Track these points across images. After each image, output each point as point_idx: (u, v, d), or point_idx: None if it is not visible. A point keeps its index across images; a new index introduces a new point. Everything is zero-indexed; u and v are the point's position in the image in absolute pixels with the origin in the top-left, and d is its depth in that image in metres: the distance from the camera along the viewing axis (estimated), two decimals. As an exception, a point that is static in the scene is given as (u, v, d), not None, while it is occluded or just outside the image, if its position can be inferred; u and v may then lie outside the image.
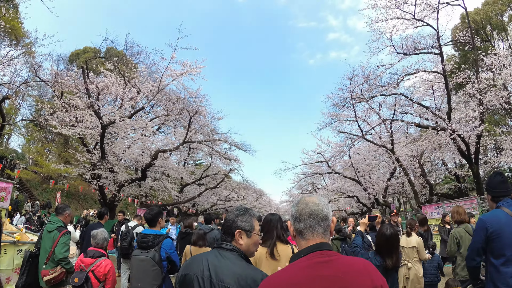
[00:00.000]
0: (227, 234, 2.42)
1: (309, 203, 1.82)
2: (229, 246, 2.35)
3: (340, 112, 21.20)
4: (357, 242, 5.12)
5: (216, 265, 2.22)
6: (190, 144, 25.16)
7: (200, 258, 2.32)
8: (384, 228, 4.55)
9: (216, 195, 31.76)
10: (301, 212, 1.80)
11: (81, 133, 16.94)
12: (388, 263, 4.34)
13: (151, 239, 4.52)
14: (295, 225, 1.81)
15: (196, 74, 17.14)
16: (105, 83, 15.22)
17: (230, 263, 2.23)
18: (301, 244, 1.79)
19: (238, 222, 2.42)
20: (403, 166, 21.69)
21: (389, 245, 4.41)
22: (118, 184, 18.19)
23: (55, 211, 6.06)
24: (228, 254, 2.29)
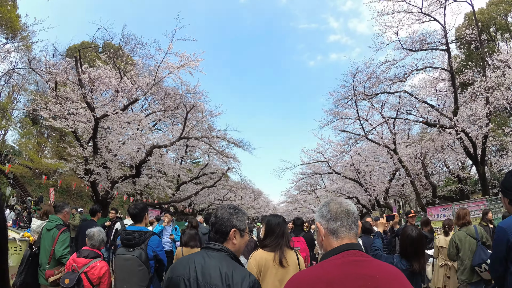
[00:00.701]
0: (220, 234, 2.29)
1: (342, 202, 1.81)
2: (217, 246, 2.24)
3: (342, 110, 20.39)
4: (378, 244, 4.76)
5: (202, 266, 2.12)
6: (187, 141, 24.29)
7: (187, 260, 2.21)
8: (409, 230, 4.23)
9: (213, 194, 30.88)
10: (336, 211, 1.77)
11: (73, 127, 16.09)
12: (415, 266, 4.04)
13: (136, 236, 4.18)
14: (330, 224, 1.76)
15: (194, 67, 16.28)
16: (98, 73, 14.31)
17: (217, 263, 2.12)
18: (333, 243, 1.73)
19: (234, 221, 2.32)
20: (406, 167, 20.83)
21: (415, 248, 4.10)
22: (111, 181, 17.29)
23: (53, 209, 5.99)
24: (215, 254, 2.19)
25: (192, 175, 26.58)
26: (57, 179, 22.56)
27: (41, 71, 17.03)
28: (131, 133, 17.45)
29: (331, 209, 1.78)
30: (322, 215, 1.81)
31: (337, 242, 1.72)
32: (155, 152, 21.53)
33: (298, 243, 6.23)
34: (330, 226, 1.75)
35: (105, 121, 15.70)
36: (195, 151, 28.67)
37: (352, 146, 22.20)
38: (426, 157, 22.25)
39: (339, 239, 1.72)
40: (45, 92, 32.75)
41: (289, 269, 3.48)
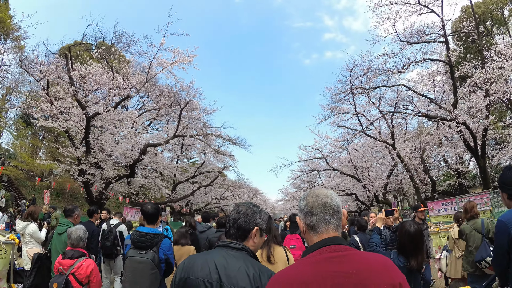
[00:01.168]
0: (242, 231, 2.12)
1: (320, 195, 1.67)
2: (238, 245, 2.07)
3: (339, 105, 19.93)
4: (375, 240, 4.51)
5: (225, 267, 1.93)
6: (183, 140, 23.79)
7: (204, 259, 2.02)
8: (407, 225, 3.98)
9: (210, 193, 30.40)
10: (312, 205, 1.64)
11: (66, 126, 15.56)
12: (413, 263, 3.80)
13: (150, 238, 4.03)
14: (307, 219, 1.65)
15: (188, 63, 15.78)
16: (89, 70, 13.76)
17: (242, 264, 1.94)
18: (313, 239, 1.63)
19: (257, 219, 2.18)
20: (404, 162, 20.39)
21: (413, 244, 3.88)
22: (105, 181, 16.76)
23: (63, 213, 5.97)
24: (237, 254, 2.01)
25: (188, 175, 26.05)
26: (51, 181, 21.95)
27: (33, 71, 16.46)
28: (125, 132, 16.85)
29: (308, 202, 1.67)
30: (300, 209, 1.71)
31: (317, 238, 1.62)
32: (150, 151, 21.00)
33: (294, 241, 5.88)
34: (307, 221, 1.66)
35: (97, 119, 15.16)
36: (191, 150, 28.16)
37: (350, 142, 21.72)
38: (424, 152, 21.82)
39: (317, 234, 1.63)
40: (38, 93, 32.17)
41: (278, 266, 3.38)
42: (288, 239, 5.97)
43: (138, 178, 21.59)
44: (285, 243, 5.78)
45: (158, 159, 20.55)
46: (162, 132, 25.48)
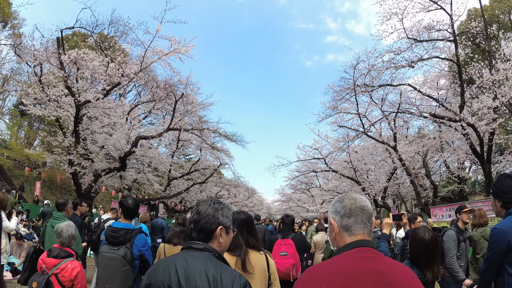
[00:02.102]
0: (205, 233, 1.97)
1: (357, 199, 1.72)
2: (200, 245, 1.92)
3: (341, 104, 19.04)
4: (384, 249, 3.79)
5: (185, 269, 1.81)
6: (178, 135, 22.88)
7: (165, 262, 1.90)
8: (420, 232, 3.54)
9: (206, 191, 29.43)
10: (351, 208, 1.68)
11: (56, 115, 14.68)
12: (428, 276, 3.34)
13: (122, 234, 3.86)
14: (344, 220, 1.67)
15: (185, 53, 14.90)
16: (81, 55, 12.86)
17: (202, 265, 1.82)
18: (346, 240, 1.65)
19: (220, 218, 2.00)
20: (406, 166, 19.55)
21: (429, 253, 3.41)
22: (95, 174, 15.85)
23: (56, 206, 5.96)
24: (198, 255, 1.88)
25: (183, 171, 25.13)
26: (41, 172, 21.01)
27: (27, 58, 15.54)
28: (118, 123, 15.90)
29: (345, 205, 1.70)
30: (336, 211, 1.72)
31: (350, 239, 1.64)
32: (145, 145, 20.11)
33: (285, 247, 4.98)
34: (344, 223, 1.68)
35: (88, 108, 14.26)
36: (188, 146, 27.22)
37: (351, 143, 20.81)
38: (427, 156, 20.97)
39: (352, 235, 1.65)
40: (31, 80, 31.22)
41: (255, 276, 3.01)
42: (279, 245, 5.13)
43: (131, 172, 20.69)
44: (275, 249, 5.09)
45: (151, 152, 19.61)
46: (159, 127, 24.51)
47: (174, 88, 15.72)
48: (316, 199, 35.53)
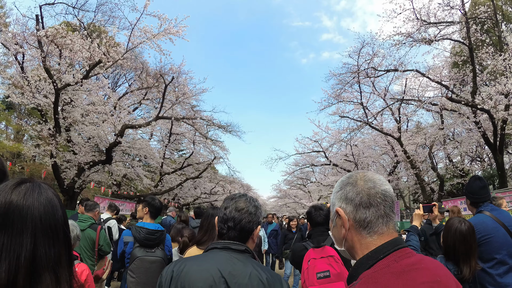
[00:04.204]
0: (245, 232, 1.75)
1: (376, 180, 1.17)
2: (242, 246, 1.71)
3: (343, 94, 17.57)
4: (414, 243, 3.22)
5: (233, 274, 1.55)
6: (171, 129, 21.25)
7: (203, 266, 1.59)
8: (456, 222, 3.07)
9: (200, 188, 27.84)
10: (369, 193, 1.14)
11: (35, 102, 13.02)
12: (465, 272, 2.90)
13: (158, 236, 3.74)
14: (361, 213, 1.14)
15: (177, 34, 13.32)
16: (59, 31, 11.19)
17: (252, 269, 1.60)
18: (366, 241, 1.13)
19: (260, 217, 1.83)
20: (411, 159, 18.13)
21: (467, 246, 2.94)
22: (78, 167, 14.21)
23: (84, 208, 5.80)
24: (241, 257, 1.66)
25: (176, 166, 23.48)
26: (24, 167, 19.30)
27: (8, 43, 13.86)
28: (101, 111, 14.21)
29: (361, 189, 1.15)
30: (346, 198, 1.17)
31: (372, 240, 1.12)
32: (133, 137, 18.48)
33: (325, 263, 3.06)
34: (361, 216, 1.13)
35: (67, 92, 12.60)
36: (181, 141, 25.55)
37: (354, 135, 19.34)
38: (432, 148, 19.58)
39: (374, 234, 1.12)
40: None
41: None
42: (312, 259, 2.98)
43: (120, 167, 19.01)
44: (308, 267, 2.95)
45: (140, 144, 17.92)
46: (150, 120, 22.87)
47: (164, 72, 14.08)
48: (313, 195, 34.09)
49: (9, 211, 0.92)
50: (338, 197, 1.22)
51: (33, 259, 0.91)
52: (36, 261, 0.92)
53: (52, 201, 1.00)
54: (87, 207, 5.67)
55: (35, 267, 0.91)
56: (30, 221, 0.93)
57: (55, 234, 0.97)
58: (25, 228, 0.92)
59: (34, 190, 0.98)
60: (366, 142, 23.21)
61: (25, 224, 0.92)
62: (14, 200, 0.93)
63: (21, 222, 0.93)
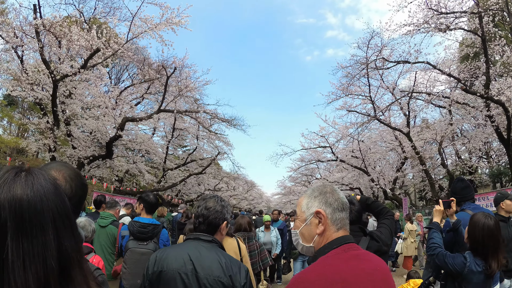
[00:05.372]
0: (212, 226, 2.16)
1: (341, 193, 1.58)
2: (209, 237, 2.11)
3: (351, 87, 16.93)
4: (437, 240, 3.23)
5: (198, 258, 1.96)
6: (174, 124, 20.70)
7: (178, 252, 2.01)
8: (482, 217, 3.01)
9: (204, 184, 27.32)
10: (343, 202, 1.55)
11: (34, 95, 12.51)
12: (494, 266, 2.87)
13: (151, 229, 3.88)
14: (336, 214, 1.51)
15: (179, 24, 12.73)
16: (57, 19, 10.63)
17: (214, 255, 1.99)
18: (332, 236, 1.50)
19: (225, 214, 2.23)
20: (420, 154, 17.48)
21: (495, 241, 2.91)
22: (78, 162, 13.69)
23: (105, 205, 5.92)
24: (208, 245, 2.05)
25: (179, 162, 22.93)
26: (24, 162, 18.85)
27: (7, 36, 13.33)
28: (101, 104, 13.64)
29: (337, 198, 1.54)
30: (326, 203, 1.52)
31: (336, 235, 1.50)
32: (134, 131, 17.93)
33: None
34: (336, 216, 1.51)
35: (66, 84, 12.05)
36: (185, 136, 24.99)
37: (360, 130, 18.69)
38: (442, 144, 18.88)
39: (339, 231, 1.52)
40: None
41: None
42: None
43: (121, 162, 18.49)
44: None
45: (140, 137, 17.35)
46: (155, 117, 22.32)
47: (166, 65, 13.48)
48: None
49: (22, 209, 0.75)
50: (320, 201, 1.52)
51: (59, 258, 0.79)
52: (63, 259, 0.81)
53: (57, 187, 0.87)
54: (108, 204, 5.78)
55: (62, 266, 0.80)
56: (48, 214, 0.80)
57: (71, 223, 0.87)
58: (45, 224, 0.78)
59: (36, 178, 0.82)
60: (372, 138, 22.56)
61: (44, 220, 0.79)
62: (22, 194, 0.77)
63: (39, 219, 0.78)
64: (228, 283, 1.89)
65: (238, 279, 1.93)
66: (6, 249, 0.72)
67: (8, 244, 0.72)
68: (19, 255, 0.73)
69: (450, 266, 2.99)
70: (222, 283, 1.88)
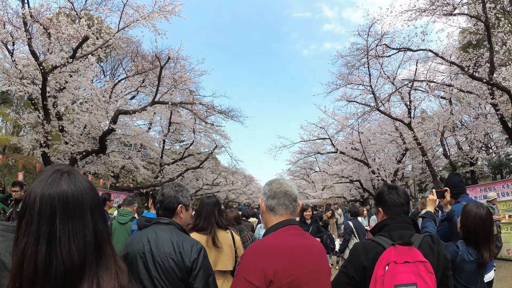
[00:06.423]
0: (169, 210, 2.38)
1: (283, 184, 1.87)
2: (166, 220, 2.32)
3: (351, 77, 16.42)
4: (430, 229, 3.12)
5: (155, 239, 2.16)
6: (170, 118, 20.15)
7: (140, 236, 2.25)
8: (474, 207, 3.05)
9: (202, 179, 26.82)
10: (275, 191, 1.84)
11: (24, 90, 11.93)
12: (486, 256, 2.89)
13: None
14: (268, 201, 1.85)
15: (173, 12, 12.15)
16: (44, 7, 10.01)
17: (168, 235, 2.19)
18: (272, 219, 1.84)
19: (180, 198, 2.41)
20: (421, 145, 17.01)
21: (487, 230, 2.96)
22: (70, 158, 13.15)
23: (123, 202, 6.04)
24: (165, 227, 2.26)
25: (176, 157, 22.39)
26: (17, 160, 18.28)
27: None
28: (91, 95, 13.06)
29: (272, 188, 1.87)
30: (264, 193, 1.91)
31: (276, 219, 1.83)
32: (129, 125, 17.39)
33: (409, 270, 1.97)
34: (269, 203, 1.86)
35: (55, 77, 11.46)
36: (181, 131, 24.42)
37: (362, 121, 18.20)
38: (444, 134, 18.43)
39: (276, 215, 1.83)
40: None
41: (223, 250, 3.42)
42: (394, 263, 1.94)
43: (117, 158, 17.95)
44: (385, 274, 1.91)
45: (134, 130, 16.78)
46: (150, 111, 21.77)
47: (160, 56, 12.90)
48: (317, 185, 33.04)
49: (68, 199, 1.03)
50: (262, 192, 1.95)
51: (95, 235, 1.06)
52: (97, 236, 1.07)
53: (91, 184, 1.12)
54: (125, 202, 5.91)
55: (97, 241, 1.06)
56: (87, 204, 1.06)
57: (102, 211, 1.13)
58: (85, 211, 1.05)
59: (77, 176, 1.09)
60: (372, 130, 22.09)
61: (84, 208, 1.05)
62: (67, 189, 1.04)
63: (80, 207, 1.05)
64: (178, 259, 2.09)
65: (188, 255, 2.11)
66: (55, 227, 0.99)
67: (57, 224, 0.99)
68: (65, 232, 1.00)
69: None
70: (172, 259, 2.08)
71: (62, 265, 0.96)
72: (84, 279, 0.99)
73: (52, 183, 1.01)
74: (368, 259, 2.06)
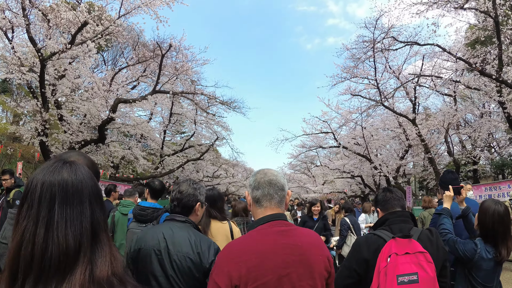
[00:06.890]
0: (186, 208, 2.34)
1: (267, 173, 1.80)
2: (182, 218, 2.30)
3: (356, 70, 16.10)
4: (447, 226, 3.11)
5: (171, 237, 2.14)
6: (171, 109, 19.87)
7: (154, 231, 2.22)
8: (492, 204, 3.00)
9: (202, 171, 26.60)
10: (259, 181, 1.77)
11: (23, 78, 11.64)
12: (503, 253, 2.85)
13: (150, 212, 4.07)
14: (253, 193, 1.78)
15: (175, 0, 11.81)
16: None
17: (185, 233, 2.17)
18: (258, 212, 1.76)
19: (198, 196, 2.39)
20: (425, 142, 16.73)
21: (505, 227, 2.90)
22: (69, 147, 12.89)
23: (124, 193, 6.01)
24: (181, 225, 2.24)
25: (177, 148, 22.14)
26: (16, 149, 18.03)
27: None
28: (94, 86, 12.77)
29: (256, 178, 1.79)
30: (249, 184, 1.84)
31: (261, 211, 1.74)
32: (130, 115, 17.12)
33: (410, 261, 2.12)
34: (253, 195, 1.77)
35: (54, 64, 11.16)
36: (183, 122, 24.16)
37: (366, 116, 17.92)
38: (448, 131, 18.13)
39: (262, 208, 1.74)
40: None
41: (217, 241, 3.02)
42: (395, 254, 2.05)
43: (116, 148, 17.70)
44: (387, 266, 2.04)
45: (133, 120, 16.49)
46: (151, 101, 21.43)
47: (162, 44, 12.58)
48: (318, 179, 32.80)
49: (68, 187, 1.06)
50: (247, 184, 1.88)
51: (91, 223, 1.08)
52: (94, 225, 1.08)
53: (92, 175, 1.16)
54: (127, 193, 5.87)
55: (93, 229, 1.08)
56: (86, 193, 1.09)
57: (101, 201, 1.15)
58: (83, 199, 1.08)
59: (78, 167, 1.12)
60: (375, 125, 21.80)
61: (83, 196, 1.08)
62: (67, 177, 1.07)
63: (79, 195, 1.07)
64: (196, 259, 2.07)
65: (206, 256, 2.09)
66: (53, 212, 1.01)
67: (55, 209, 1.02)
68: (62, 217, 1.02)
69: (460, 252, 2.93)
70: (190, 259, 2.06)
71: (57, 249, 0.98)
72: (78, 265, 1.00)
73: (53, 171, 1.05)
74: (370, 252, 2.19)
